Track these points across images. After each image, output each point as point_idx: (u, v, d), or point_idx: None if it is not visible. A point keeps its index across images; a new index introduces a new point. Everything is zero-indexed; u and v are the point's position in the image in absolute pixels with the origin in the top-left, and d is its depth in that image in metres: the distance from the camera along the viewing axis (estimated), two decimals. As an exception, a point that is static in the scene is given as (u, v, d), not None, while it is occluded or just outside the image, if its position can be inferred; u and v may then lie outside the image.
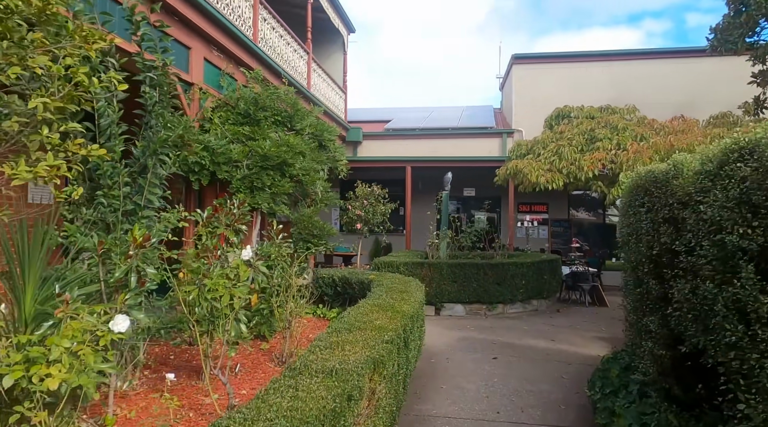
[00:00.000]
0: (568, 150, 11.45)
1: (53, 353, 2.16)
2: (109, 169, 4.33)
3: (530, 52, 17.41)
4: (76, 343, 2.26)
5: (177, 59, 7.26)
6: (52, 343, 2.20)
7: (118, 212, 4.35)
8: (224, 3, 8.48)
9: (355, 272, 8.48)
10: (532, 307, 10.61)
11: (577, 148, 11.54)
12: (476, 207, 17.29)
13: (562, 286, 12.13)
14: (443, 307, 10.07)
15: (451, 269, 9.98)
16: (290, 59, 11.88)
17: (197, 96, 7.65)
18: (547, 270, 10.79)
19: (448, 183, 12.06)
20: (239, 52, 8.88)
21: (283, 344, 5.61)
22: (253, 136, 7.63)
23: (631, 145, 11.02)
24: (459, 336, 8.29)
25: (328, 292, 8.05)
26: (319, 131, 9.05)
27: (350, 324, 4.20)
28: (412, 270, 9.89)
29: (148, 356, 5.11)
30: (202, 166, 6.98)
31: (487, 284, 10.00)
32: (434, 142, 16.67)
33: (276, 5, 12.12)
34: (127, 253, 3.31)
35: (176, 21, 7.11)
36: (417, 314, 5.33)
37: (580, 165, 11.15)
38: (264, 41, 10.22)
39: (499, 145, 16.51)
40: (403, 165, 14.84)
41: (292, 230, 8.06)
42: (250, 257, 4.20)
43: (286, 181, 7.48)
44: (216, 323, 4.19)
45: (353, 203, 11.71)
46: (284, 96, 8.47)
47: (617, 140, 11.34)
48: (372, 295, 5.84)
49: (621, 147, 11.19)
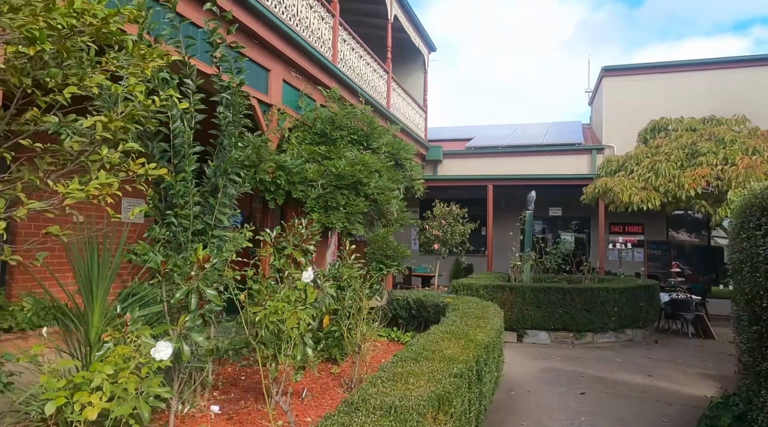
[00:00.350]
0: (666, 166, 10.48)
1: (95, 380, 2.07)
2: (181, 188, 4.38)
3: (621, 64, 16.40)
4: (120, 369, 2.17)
5: (256, 81, 7.44)
6: (95, 369, 2.12)
7: (188, 232, 4.37)
8: (304, 26, 8.63)
9: (431, 294, 8.17)
10: (625, 337, 9.73)
11: (676, 164, 10.55)
12: (563, 227, 16.40)
13: (661, 314, 11.06)
14: (526, 334, 9.47)
15: (534, 294, 9.39)
16: (370, 79, 11.93)
17: (275, 117, 7.77)
18: (643, 296, 9.88)
19: (532, 202, 11.48)
20: (318, 73, 8.98)
21: (353, 369, 5.41)
22: (329, 156, 7.62)
23: (742, 160, 9.90)
24: (543, 366, 7.70)
25: (403, 315, 7.79)
26: (396, 150, 8.91)
27: (417, 353, 3.91)
28: (493, 293, 9.41)
29: (219, 377, 5.09)
30: (277, 185, 7.03)
31: (574, 310, 9.30)
32: (518, 160, 16.10)
33: (357, 27, 12.27)
34: (189, 274, 3.25)
35: (255, 44, 7.28)
36: (493, 344, 4.94)
37: (680, 182, 10.15)
38: (343, 62, 10.32)
39: (588, 163, 15.64)
40: (485, 184, 14.38)
41: (366, 251, 7.92)
42: (311, 278, 4.04)
43: (361, 200, 7.36)
44: (281, 346, 4.07)
45: (431, 223, 11.42)
46: (360, 115, 8.43)
47: (724, 154, 10.24)
48: (445, 320, 5.51)
49: (729, 162, 10.08)
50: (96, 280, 3.26)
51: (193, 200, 4.42)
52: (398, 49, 15.47)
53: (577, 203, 13.44)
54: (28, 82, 2.25)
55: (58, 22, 2.04)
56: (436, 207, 11.63)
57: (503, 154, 16.59)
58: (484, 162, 16.51)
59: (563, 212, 16.55)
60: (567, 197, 15.46)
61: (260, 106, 7.51)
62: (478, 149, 17.20)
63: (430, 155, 16.89)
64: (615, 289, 9.47)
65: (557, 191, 15.33)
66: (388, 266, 7.48)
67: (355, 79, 10.71)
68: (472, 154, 17.15)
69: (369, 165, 7.47)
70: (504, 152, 16.66)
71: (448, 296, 7.71)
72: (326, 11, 9.54)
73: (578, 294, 9.32)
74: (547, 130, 19.64)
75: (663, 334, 10.64)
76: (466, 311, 6.01)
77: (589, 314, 9.30)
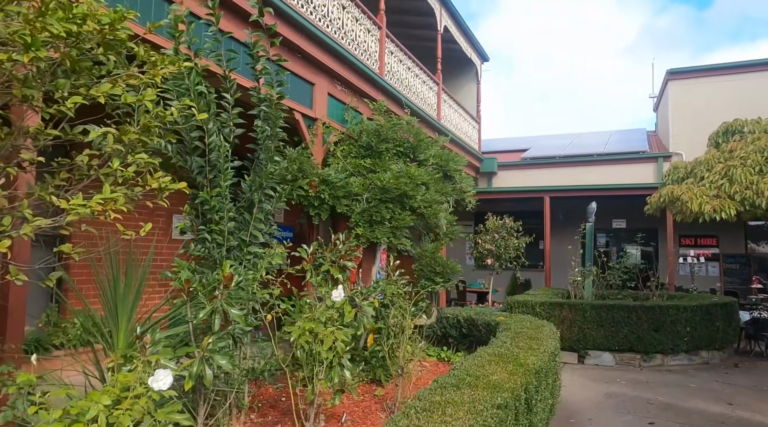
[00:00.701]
0: (742, 171, 9.59)
1: (90, 411, 1.91)
2: (216, 204, 4.28)
3: (688, 66, 15.43)
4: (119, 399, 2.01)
5: (300, 95, 7.38)
6: (92, 398, 1.97)
7: (223, 248, 4.26)
8: (349, 39, 8.55)
9: (483, 312, 7.76)
10: (700, 359, 8.91)
11: (753, 169, 9.63)
12: (627, 240, 15.47)
13: (741, 335, 10.08)
14: (588, 354, 8.85)
15: (596, 311, 8.78)
16: (419, 91, 11.73)
17: (320, 131, 7.68)
18: (719, 315, 9.03)
19: (593, 214, 10.85)
20: (364, 86, 8.86)
21: (396, 392, 5.12)
22: (374, 169, 7.43)
23: (830, 164, 8.93)
24: (606, 391, 7.11)
25: (453, 333, 7.42)
26: (444, 161, 8.62)
27: (459, 379, 3.59)
28: (550, 311, 8.88)
29: (256, 399, 4.93)
30: (321, 200, 6.89)
31: (640, 329, 8.61)
32: (577, 170, 15.40)
33: (406, 40, 12.14)
34: (212, 293, 3.10)
35: (299, 58, 7.23)
36: (547, 369, 4.52)
37: (759, 189, 9.24)
38: (390, 74, 10.17)
39: (653, 171, 14.75)
40: (541, 195, 13.78)
41: (414, 266, 7.63)
42: (341, 297, 3.82)
43: (407, 214, 7.10)
44: (314, 368, 3.85)
45: (483, 237, 10.99)
46: (407, 126, 8.21)
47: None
48: (494, 341, 5.14)
49: (815, 166, 9.13)
50: (121, 299, 3.16)
51: (228, 216, 4.31)
52: (449, 60, 15.22)
53: (642, 215, 12.60)
54: (33, 94, 2.17)
55: (55, 28, 1.93)
56: (488, 220, 11.19)
57: (561, 165, 15.91)
58: (540, 173, 15.90)
59: (627, 224, 15.64)
60: (631, 208, 14.56)
61: (304, 121, 7.43)
62: (534, 160, 16.59)
63: (484, 167, 16.44)
64: (687, 307, 8.72)
65: (620, 202, 14.50)
66: (437, 282, 7.15)
67: (403, 91, 10.53)
68: (527, 165, 16.56)
69: (415, 177, 7.22)
70: (562, 162, 15.97)
71: (501, 315, 7.29)
72: (372, 23, 9.44)
73: (645, 312, 8.63)
74: (609, 138, 18.73)
75: (744, 356, 9.69)
76: (518, 331, 5.61)
77: (658, 333, 8.59)
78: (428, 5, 12.59)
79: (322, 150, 7.74)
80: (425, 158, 8.26)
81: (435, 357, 7.28)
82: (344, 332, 4.00)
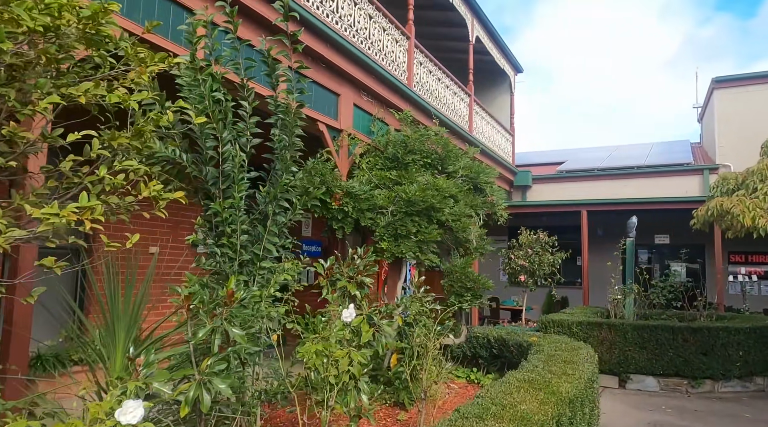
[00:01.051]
0: (799, 183, 8.93)
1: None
2: (228, 216, 4.09)
3: (734, 74, 14.70)
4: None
5: (325, 105, 7.21)
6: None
7: (235, 262, 4.05)
8: (376, 49, 8.38)
9: (515, 331, 7.35)
10: (755, 386, 8.22)
11: (811, 181, 8.97)
12: (671, 257, 14.71)
13: (800, 360, 9.32)
14: (629, 378, 8.29)
15: (638, 332, 8.23)
16: (450, 102, 11.46)
17: (346, 142, 7.48)
18: (775, 338, 8.35)
19: (633, 228, 10.29)
20: (392, 97, 8.65)
21: (419, 418, 4.79)
22: (400, 181, 7.17)
23: None
24: (650, 420, 6.58)
25: (483, 354, 7.04)
26: (475, 173, 8.29)
27: (484, 409, 3.25)
28: (588, 332, 8.38)
29: (270, 422, 4.68)
30: (345, 213, 6.66)
31: (687, 352, 8.01)
32: (616, 183, 14.79)
33: (437, 52, 11.91)
34: (212, 311, 2.88)
35: (323, 68, 7.07)
36: (582, 397, 4.12)
37: (818, 202, 8.58)
38: (419, 85, 9.95)
39: (699, 184, 14.03)
40: (578, 209, 13.21)
41: (442, 282, 7.31)
42: (352, 317, 3.55)
43: (434, 227, 6.80)
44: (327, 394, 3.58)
45: (516, 252, 10.53)
46: (435, 137, 7.94)
47: None
48: (525, 365, 4.75)
49: None
50: (118, 317, 2.97)
51: (241, 228, 4.11)
52: (481, 71, 14.92)
53: (687, 230, 11.92)
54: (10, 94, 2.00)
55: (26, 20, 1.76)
56: (521, 235, 10.74)
57: (599, 178, 15.31)
58: (577, 186, 15.33)
59: (671, 240, 14.88)
60: (676, 223, 13.83)
61: (329, 132, 7.25)
62: (571, 173, 16.04)
63: (518, 181, 15.98)
64: (739, 329, 8.08)
65: (663, 217, 13.80)
66: (466, 299, 6.79)
67: (433, 102, 10.28)
68: (563, 178, 16.02)
69: (443, 189, 6.91)
70: (600, 175, 15.37)
71: (534, 335, 6.87)
72: (400, 34, 9.25)
73: (692, 334, 8.04)
74: (650, 150, 17.98)
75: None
76: (552, 354, 5.21)
77: (707, 357, 7.97)
78: (460, 16, 12.37)
79: (348, 162, 7.54)
80: (454, 170, 7.96)
81: (464, 379, 6.91)
82: (361, 353, 3.73)
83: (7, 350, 3.54)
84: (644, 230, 12.65)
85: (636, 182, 14.66)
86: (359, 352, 3.74)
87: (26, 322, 3.61)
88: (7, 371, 3.34)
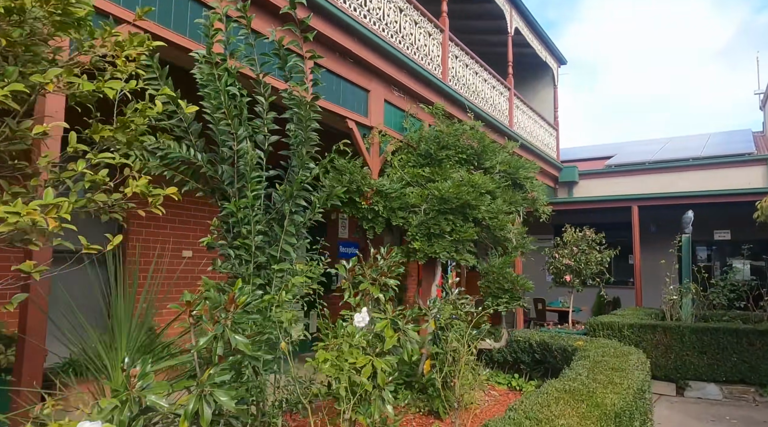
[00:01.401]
0: None
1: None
2: (243, 216, 3.91)
3: (801, 55, 13.59)
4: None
5: (353, 102, 6.99)
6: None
7: (250, 265, 3.86)
8: (408, 43, 8.10)
9: (560, 335, 6.90)
10: (832, 395, 7.46)
11: None
12: (733, 254, 13.74)
13: None
14: (688, 385, 7.67)
15: (696, 336, 7.61)
16: (488, 96, 11.04)
17: (376, 139, 7.23)
18: None
19: (689, 224, 9.60)
20: (425, 92, 8.35)
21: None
22: (433, 178, 6.85)
23: None
24: (712, 432, 6.03)
25: (525, 359, 6.63)
26: (513, 168, 7.87)
27: (516, 423, 2.92)
28: (641, 335, 7.82)
29: (295, 431, 4.47)
30: (375, 212, 6.41)
31: (753, 357, 7.34)
32: (669, 177, 13.96)
33: (474, 46, 11.53)
34: (214, 317, 2.68)
35: (351, 63, 6.85)
36: (631, 409, 3.70)
37: None
38: (455, 79, 9.60)
39: (762, 175, 13.06)
40: (628, 204, 12.48)
41: (479, 283, 6.94)
42: (365, 322, 3.28)
43: (469, 226, 6.45)
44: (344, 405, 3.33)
45: (560, 251, 10.00)
46: (470, 131, 7.58)
47: None
48: (568, 372, 4.36)
49: None
50: (119, 325, 2.81)
51: (256, 229, 3.91)
52: (522, 64, 14.39)
53: (751, 224, 11.06)
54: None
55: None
56: (566, 232, 10.20)
57: (651, 171, 14.50)
58: (627, 181, 14.56)
59: (732, 235, 13.88)
60: (737, 217, 12.89)
61: (359, 129, 7.02)
62: (620, 167, 15.27)
63: (564, 176, 15.33)
64: (812, 331, 7.34)
65: (723, 211, 12.89)
66: (503, 301, 6.41)
67: (470, 96, 9.91)
68: (612, 172, 15.26)
69: (479, 186, 6.56)
70: (652, 168, 14.55)
71: (580, 339, 6.41)
72: (434, 27, 8.93)
73: (759, 337, 7.36)
74: (707, 141, 16.93)
75: None
76: (598, 360, 4.78)
77: (777, 363, 7.28)
78: (498, 7, 11.93)
79: (380, 160, 7.28)
80: (491, 166, 7.57)
81: (505, 385, 6.52)
82: (385, 360, 3.46)
83: (21, 358, 3.45)
84: (702, 226, 11.85)
85: (692, 175, 13.79)
86: (383, 359, 3.48)
87: (40, 330, 3.51)
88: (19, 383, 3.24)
